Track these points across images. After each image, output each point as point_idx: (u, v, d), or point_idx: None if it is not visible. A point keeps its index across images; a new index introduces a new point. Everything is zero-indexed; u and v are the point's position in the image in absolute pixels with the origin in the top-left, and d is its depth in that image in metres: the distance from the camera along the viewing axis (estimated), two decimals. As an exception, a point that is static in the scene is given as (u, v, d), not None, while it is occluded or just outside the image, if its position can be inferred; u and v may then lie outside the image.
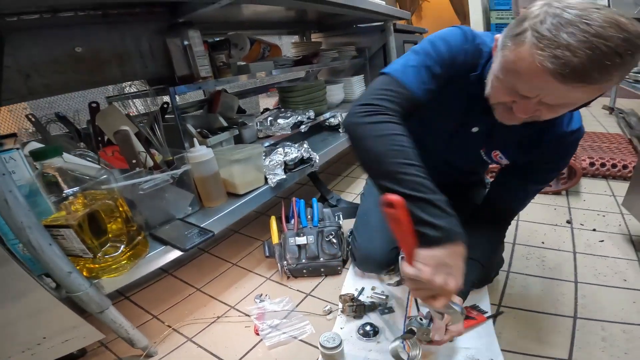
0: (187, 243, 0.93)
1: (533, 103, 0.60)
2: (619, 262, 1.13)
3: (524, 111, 0.62)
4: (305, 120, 1.57)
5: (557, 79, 0.52)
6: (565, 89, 0.53)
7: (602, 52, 0.49)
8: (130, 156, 0.94)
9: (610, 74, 0.51)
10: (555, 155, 0.81)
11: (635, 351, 0.82)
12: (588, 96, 0.56)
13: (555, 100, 0.58)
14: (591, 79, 0.51)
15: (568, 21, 0.51)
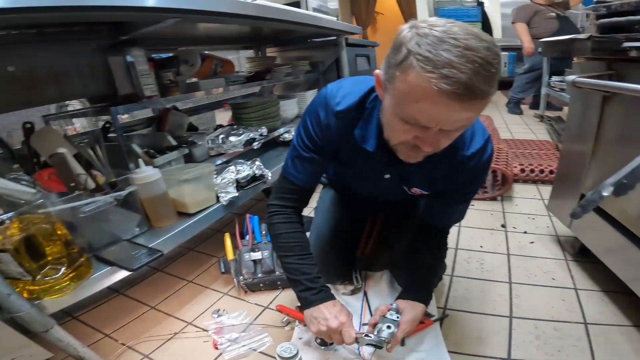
0: (135, 263, 0.91)
1: (434, 133, 0.61)
2: (548, 262, 1.24)
3: (430, 144, 0.63)
4: (257, 137, 1.59)
5: (454, 99, 0.53)
6: (461, 110, 0.55)
7: (479, 64, 0.51)
8: (67, 179, 0.91)
9: (492, 84, 0.54)
10: (467, 179, 0.83)
11: (568, 348, 0.88)
12: (476, 114, 0.59)
13: (452, 124, 0.59)
14: (482, 93, 0.53)
15: (439, 39, 0.52)
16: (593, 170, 1.08)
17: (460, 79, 0.51)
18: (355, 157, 0.84)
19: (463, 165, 0.78)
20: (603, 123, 1.02)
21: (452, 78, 0.51)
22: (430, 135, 0.61)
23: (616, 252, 0.99)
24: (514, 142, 2.53)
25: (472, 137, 0.78)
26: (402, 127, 0.63)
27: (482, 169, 0.81)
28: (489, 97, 0.55)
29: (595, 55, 0.96)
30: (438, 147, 0.65)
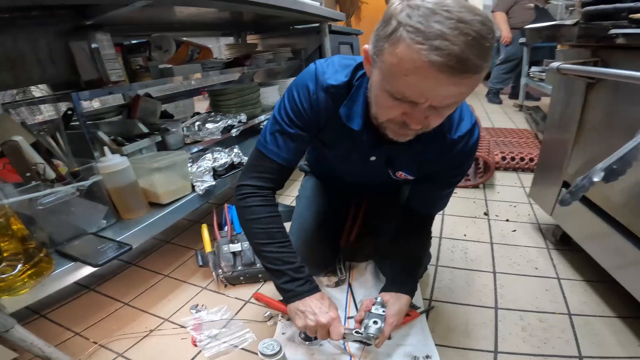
0: (100, 258, 0.85)
1: (423, 109, 0.58)
2: (530, 251, 1.24)
3: (417, 121, 0.60)
4: (236, 124, 1.52)
5: (445, 72, 0.51)
6: (452, 84, 0.53)
7: (473, 37, 0.49)
8: (22, 169, 0.83)
9: (486, 58, 0.52)
10: (454, 163, 0.82)
11: (553, 340, 0.88)
12: (467, 90, 0.56)
13: (443, 100, 0.57)
14: (475, 67, 0.51)
15: (431, 10, 0.50)
16: (575, 157, 1.07)
17: (453, 51, 0.49)
18: (340, 138, 0.81)
19: (450, 148, 0.77)
20: (586, 110, 1.01)
21: (444, 50, 0.49)
22: (419, 111, 0.59)
23: (598, 240, 0.99)
24: (494, 131, 2.55)
25: (460, 120, 0.76)
26: (390, 103, 0.61)
27: (468, 152, 0.79)
28: (481, 71, 0.53)
29: (581, 42, 0.95)
30: (427, 126, 0.63)
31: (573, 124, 1.06)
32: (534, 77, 2.99)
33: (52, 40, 1.09)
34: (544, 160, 1.30)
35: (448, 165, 0.82)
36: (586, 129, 1.03)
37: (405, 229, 0.95)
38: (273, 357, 0.78)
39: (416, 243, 0.96)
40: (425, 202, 0.93)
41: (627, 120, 0.86)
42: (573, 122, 1.06)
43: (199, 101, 4.05)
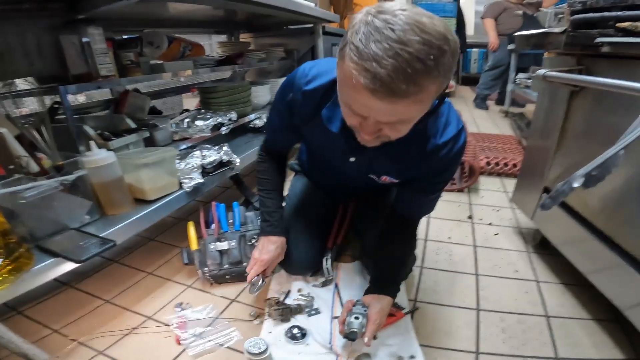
0: (83, 254, 0.83)
1: (372, 123, 0.59)
2: (511, 254, 1.27)
3: (367, 132, 0.61)
4: (226, 122, 1.51)
5: (372, 94, 0.51)
6: (385, 105, 0.52)
7: (404, 59, 0.48)
8: (6, 161, 0.81)
9: (419, 84, 0.50)
10: (438, 168, 0.81)
11: (532, 342, 0.90)
12: (410, 109, 0.55)
13: (386, 117, 0.56)
14: (400, 92, 0.50)
15: (376, 28, 0.49)
16: (557, 164, 1.10)
17: (377, 74, 0.49)
18: (322, 137, 0.84)
19: (434, 153, 0.77)
20: (569, 118, 1.05)
21: (371, 73, 0.49)
22: (368, 124, 0.59)
23: (576, 244, 1.02)
24: (480, 136, 2.60)
25: (446, 126, 0.76)
26: (347, 112, 0.62)
27: (454, 157, 0.79)
28: (412, 96, 0.51)
29: (567, 50, 0.97)
30: (387, 137, 0.63)
31: (555, 130, 1.09)
32: (520, 83, 3.06)
33: (41, 34, 1.07)
34: (527, 166, 1.33)
35: (433, 170, 0.81)
36: (568, 136, 1.05)
37: (389, 232, 0.96)
38: (259, 355, 0.78)
39: (400, 246, 0.96)
40: (410, 206, 0.93)
41: (608, 128, 0.89)
42: (555, 129, 1.09)
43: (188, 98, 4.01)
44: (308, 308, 1.01)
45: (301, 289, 1.10)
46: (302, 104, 0.80)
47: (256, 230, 1.18)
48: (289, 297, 1.06)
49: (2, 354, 0.84)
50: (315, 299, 1.05)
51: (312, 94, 0.78)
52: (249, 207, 1.55)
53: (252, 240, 1.15)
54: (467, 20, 4.75)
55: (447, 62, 0.51)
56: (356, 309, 0.85)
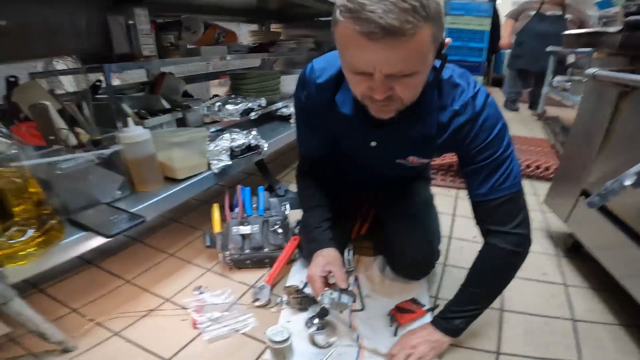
0: (113, 229, 0.85)
1: (381, 80, 0.60)
2: (540, 257, 1.23)
3: (380, 92, 0.62)
4: (255, 107, 1.52)
5: (369, 39, 0.54)
6: (385, 49, 0.55)
7: (391, 1, 0.52)
8: (47, 132, 0.84)
9: (410, 22, 0.52)
10: (473, 135, 0.74)
11: (555, 345, 0.88)
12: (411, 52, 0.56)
13: (391, 67, 0.58)
14: (397, 29, 0.52)
15: None
16: (598, 167, 1.05)
17: (370, 18, 0.52)
18: (342, 126, 0.85)
19: (455, 121, 0.75)
20: (615, 119, 0.99)
21: (364, 19, 0.53)
22: (378, 82, 0.61)
23: (612, 249, 0.98)
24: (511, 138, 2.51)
25: (460, 93, 0.74)
26: (354, 79, 0.65)
27: (483, 119, 0.73)
28: (408, 32, 0.53)
29: (621, 51, 0.93)
30: (401, 98, 0.64)
31: (599, 132, 1.04)
32: (558, 86, 2.93)
33: (90, 13, 1.11)
34: (564, 169, 1.28)
35: (468, 139, 0.75)
36: (613, 138, 1.01)
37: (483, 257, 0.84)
38: (281, 344, 0.78)
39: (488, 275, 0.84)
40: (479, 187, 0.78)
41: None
42: (599, 131, 1.04)
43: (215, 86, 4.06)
44: None
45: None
46: (318, 95, 0.83)
47: (279, 216, 1.19)
48: (307, 286, 1.05)
49: (19, 332, 0.85)
50: None
51: (325, 84, 0.81)
52: (272, 193, 1.56)
53: (275, 226, 1.16)
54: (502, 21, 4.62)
55: (434, 6, 0.54)
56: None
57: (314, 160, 1.02)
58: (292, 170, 2.02)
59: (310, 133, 0.96)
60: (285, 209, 1.25)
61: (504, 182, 0.76)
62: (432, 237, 1.07)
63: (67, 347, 0.83)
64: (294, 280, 1.08)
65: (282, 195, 1.58)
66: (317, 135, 0.95)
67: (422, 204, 1.13)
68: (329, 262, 0.89)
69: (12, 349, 0.84)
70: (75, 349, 0.85)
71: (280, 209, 1.24)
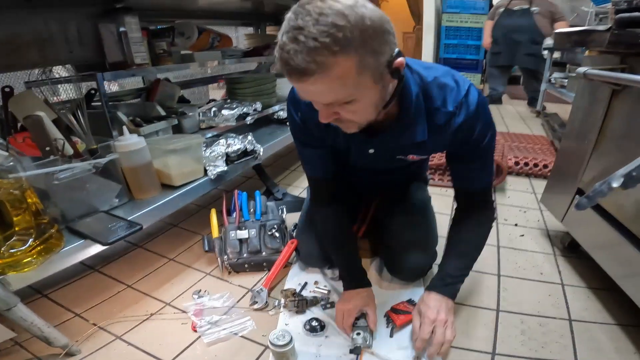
0: (110, 237, 0.86)
1: (321, 107, 0.64)
2: (537, 256, 1.23)
3: (322, 116, 0.65)
4: (251, 112, 1.53)
5: (290, 77, 0.57)
6: (304, 86, 0.58)
7: (300, 41, 0.53)
8: (42, 143, 0.85)
9: (317, 61, 0.53)
10: (466, 133, 0.78)
11: (551, 345, 0.88)
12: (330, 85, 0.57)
13: (322, 99, 0.61)
14: (305, 70, 0.54)
15: (288, 21, 0.55)
16: (593, 165, 1.05)
17: (285, 59, 0.55)
18: (339, 139, 0.85)
19: (450, 122, 0.77)
20: (609, 118, 0.99)
21: (282, 60, 0.56)
22: (320, 109, 0.65)
23: (608, 249, 0.98)
24: (509, 135, 2.51)
25: (449, 93, 0.75)
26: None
27: (476, 117, 0.76)
28: (316, 72, 0.54)
29: (611, 49, 0.93)
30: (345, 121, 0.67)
31: (593, 131, 1.03)
32: (555, 83, 2.93)
33: (81, 22, 1.11)
34: (559, 167, 1.28)
35: (463, 137, 0.79)
36: (607, 137, 1.00)
37: (461, 216, 0.94)
38: (284, 347, 0.78)
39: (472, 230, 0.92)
40: (464, 178, 0.90)
41: (650, 129, 0.84)
42: (593, 129, 1.03)
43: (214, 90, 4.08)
44: (323, 301, 1.01)
45: (318, 281, 1.10)
46: (311, 113, 0.80)
47: (276, 220, 1.20)
48: (305, 289, 1.07)
49: (23, 337, 0.87)
50: (331, 292, 1.05)
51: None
52: (270, 197, 1.57)
53: (272, 230, 1.17)
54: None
55: (351, 37, 0.54)
56: (359, 322, 0.87)
57: (325, 183, 0.97)
58: (290, 173, 2.03)
59: (314, 153, 0.92)
60: (282, 213, 1.25)
61: (488, 175, 0.88)
62: (429, 240, 1.08)
63: (71, 351, 0.85)
64: (292, 284, 1.09)
65: (280, 198, 1.59)
66: (321, 154, 0.92)
67: (419, 206, 1.14)
68: (367, 304, 0.91)
69: (19, 353, 0.87)
70: (78, 353, 0.87)
71: (277, 212, 1.25)
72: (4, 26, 0.97)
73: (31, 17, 1.02)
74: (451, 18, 4.15)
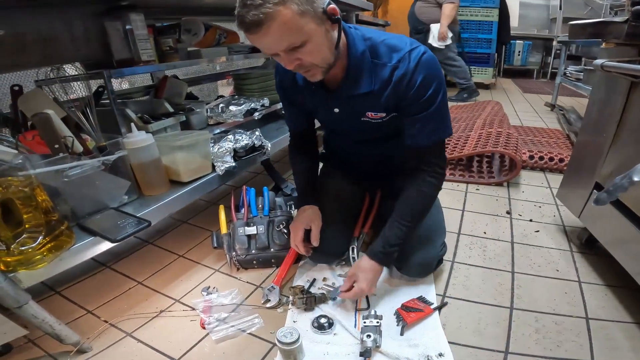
0: (119, 234, 0.86)
1: (282, 56, 0.76)
2: (552, 252, 1.20)
3: (286, 63, 0.78)
4: (259, 107, 1.52)
5: (246, 32, 0.71)
6: (260, 37, 0.71)
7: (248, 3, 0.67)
8: (51, 141, 0.85)
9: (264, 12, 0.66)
10: (411, 87, 0.84)
11: (566, 343, 0.85)
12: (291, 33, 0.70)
13: (276, 47, 0.73)
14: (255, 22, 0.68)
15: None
16: (611, 159, 1.02)
17: (240, 19, 0.70)
18: (308, 99, 0.99)
19: (394, 74, 0.85)
20: (627, 110, 0.96)
21: (238, 21, 0.71)
22: (281, 57, 0.77)
23: (627, 245, 0.94)
24: (522, 129, 2.46)
25: (394, 49, 0.85)
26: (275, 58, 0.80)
27: (417, 70, 0.83)
28: (265, 22, 0.68)
29: (628, 41, 0.89)
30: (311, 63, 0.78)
31: (611, 124, 1.00)
32: (571, 76, 2.85)
33: (86, 20, 1.11)
34: (576, 161, 1.24)
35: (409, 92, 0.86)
36: (626, 129, 0.97)
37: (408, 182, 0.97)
38: (291, 345, 0.78)
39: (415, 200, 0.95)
40: (413, 132, 0.91)
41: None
42: (612, 122, 1.00)
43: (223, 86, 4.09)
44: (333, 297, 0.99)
45: (326, 278, 1.09)
46: (285, 76, 0.99)
47: (284, 216, 1.19)
48: (314, 285, 1.06)
49: (36, 334, 0.89)
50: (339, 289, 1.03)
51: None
52: (279, 192, 1.56)
53: (280, 226, 1.16)
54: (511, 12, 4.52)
55: None
56: (369, 323, 0.87)
57: (300, 134, 1.16)
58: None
59: (291, 109, 1.09)
60: (290, 208, 1.25)
61: (435, 132, 0.91)
62: (436, 233, 1.07)
63: (82, 349, 0.86)
64: (301, 281, 1.08)
65: (289, 194, 1.58)
66: (296, 111, 1.08)
67: None
68: (311, 219, 1.04)
69: (32, 350, 0.88)
70: (90, 350, 0.87)
71: (285, 208, 1.24)
72: (9, 26, 0.97)
73: (36, 16, 1.02)
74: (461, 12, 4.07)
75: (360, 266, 0.95)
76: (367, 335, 0.83)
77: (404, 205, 0.95)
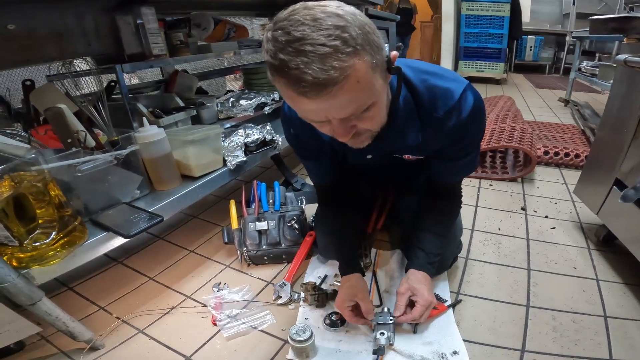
0: (132, 229, 0.86)
1: (337, 124, 0.57)
2: (569, 250, 1.17)
3: (341, 134, 0.59)
4: (269, 102, 1.51)
5: (307, 98, 0.51)
6: (325, 101, 0.51)
7: (309, 51, 0.47)
8: (64, 135, 0.85)
9: (336, 67, 0.48)
10: (456, 136, 0.76)
11: (584, 342, 0.84)
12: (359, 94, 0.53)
13: (342, 113, 0.55)
14: (324, 80, 0.48)
15: (275, 39, 0.49)
16: (633, 154, 0.99)
17: (297, 77, 0.48)
18: (335, 147, 0.84)
19: (442, 124, 0.73)
20: (650, 104, 0.92)
21: (292, 79, 0.49)
22: (336, 126, 0.58)
23: (649, 243, 0.92)
24: (536, 125, 2.41)
25: (439, 97, 0.71)
26: (315, 125, 0.62)
27: (467, 122, 0.73)
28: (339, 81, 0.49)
29: None
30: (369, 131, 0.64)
31: (633, 119, 0.97)
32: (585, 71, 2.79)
33: (97, 15, 1.11)
34: (595, 157, 1.21)
35: (452, 140, 0.77)
36: (648, 124, 0.94)
37: (429, 202, 0.94)
38: (304, 342, 0.77)
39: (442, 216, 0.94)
40: (443, 174, 0.90)
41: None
42: (633, 117, 0.97)
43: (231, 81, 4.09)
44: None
45: (338, 274, 1.07)
46: (303, 128, 0.79)
47: (295, 211, 1.18)
48: (325, 282, 1.05)
49: (49, 331, 0.88)
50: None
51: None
52: (289, 187, 1.55)
53: (292, 222, 1.15)
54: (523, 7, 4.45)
55: (356, 35, 0.49)
56: (383, 319, 0.84)
57: (330, 187, 1.00)
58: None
59: (314, 163, 0.94)
60: (302, 203, 1.24)
61: (465, 172, 0.90)
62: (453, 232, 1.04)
63: (95, 346, 0.86)
64: (312, 277, 1.07)
65: (299, 189, 1.57)
66: (321, 162, 0.92)
67: None
68: (354, 293, 0.87)
69: (45, 347, 0.88)
70: (102, 347, 0.87)
71: (296, 203, 1.23)
72: (20, 21, 0.98)
73: (47, 11, 1.02)
74: (471, 7, 4.03)
75: (415, 279, 0.87)
76: (381, 332, 0.82)
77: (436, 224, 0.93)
